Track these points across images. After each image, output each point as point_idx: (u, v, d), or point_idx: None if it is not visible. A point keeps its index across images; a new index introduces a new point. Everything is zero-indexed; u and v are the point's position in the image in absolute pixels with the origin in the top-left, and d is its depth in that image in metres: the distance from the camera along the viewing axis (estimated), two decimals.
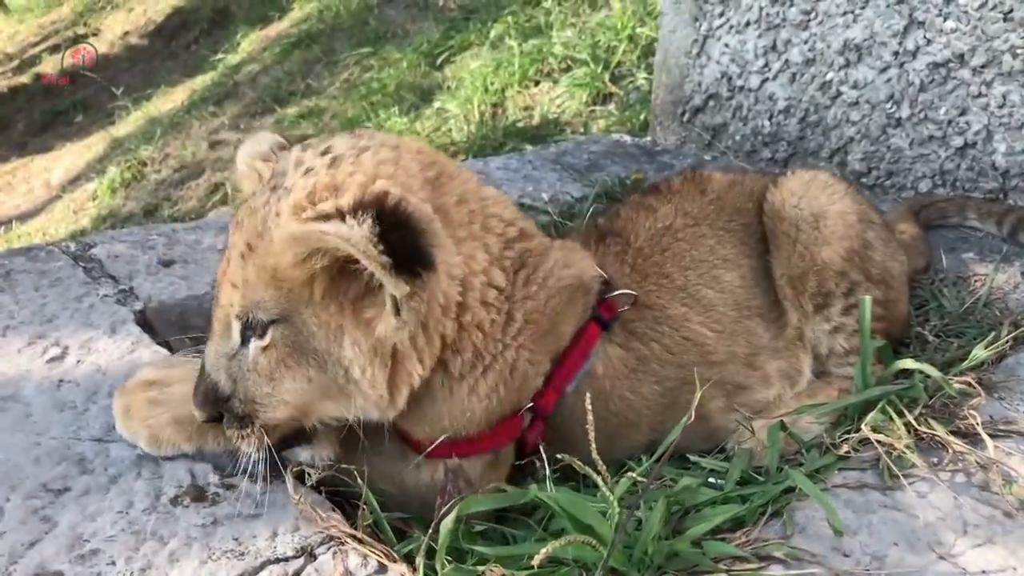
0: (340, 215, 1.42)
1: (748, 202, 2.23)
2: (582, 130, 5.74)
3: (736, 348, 2.02)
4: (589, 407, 1.51)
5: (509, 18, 7.04)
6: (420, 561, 1.40)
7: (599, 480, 1.39)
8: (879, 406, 1.83)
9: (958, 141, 2.96)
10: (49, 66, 11.53)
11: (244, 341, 1.57)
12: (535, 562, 1.30)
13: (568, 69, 6.31)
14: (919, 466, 1.72)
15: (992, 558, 1.51)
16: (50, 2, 14.02)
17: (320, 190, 1.49)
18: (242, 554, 1.50)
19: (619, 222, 2.15)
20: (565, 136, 5.32)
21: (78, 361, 2.05)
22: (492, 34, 7.06)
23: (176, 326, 2.33)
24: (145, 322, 2.26)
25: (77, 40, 12.24)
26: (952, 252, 2.74)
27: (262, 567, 1.48)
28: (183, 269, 2.50)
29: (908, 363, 1.89)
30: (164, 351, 2.10)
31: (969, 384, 1.89)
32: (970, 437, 1.78)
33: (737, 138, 3.58)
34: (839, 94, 3.22)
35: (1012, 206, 2.85)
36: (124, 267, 2.48)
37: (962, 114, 2.94)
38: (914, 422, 1.79)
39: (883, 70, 3.08)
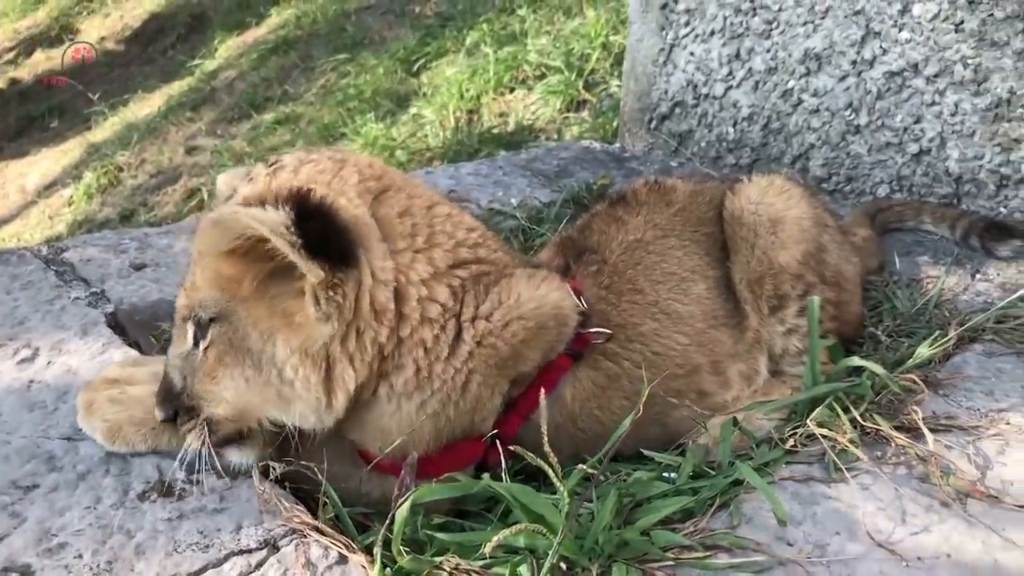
0: (261, 203, 1.50)
1: (710, 211, 2.29)
2: (556, 136, 5.82)
3: (702, 358, 2.06)
4: (545, 430, 1.54)
5: (484, 25, 7.11)
6: (377, 551, 1.45)
7: (550, 472, 1.45)
8: (826, 402, 1.90)
9: (914, 148, 3.05)
10: (25, 71, 11.48)
11: (195, 342, 1.65)
12: (486, 549, 1.36)
13: (543, 76, 6.38)
14: (863, 459, 1.79)
15: (928, 544, 1.58)
16: (26, 6, 13.95)
17: (254, 199, 1.57)
18: (207, 547, 1.55)
19: (592, 236, 2.17)
20: (539, 143, 5.38)
21: (48, 363, 2.08)
22: (468, 41, 7.12)
23: (147, 328, 2.37)
24: (116, 324, 2.30)
25: (53, 44, 12.20)
26: (907, 255, 2.83)
27: (226, 559, 1.52)
28: (155, 272, 2.54)
29: (855, 361, 1.97)
30: (135, 352, 2.14)
31: (913, 381, 1.97)
32: (912, 432, 1.85)
33: (703, 144, 3.66)
34: (800, 101, 3.30)
35: (964, 211, 2.94)
36: (96, 270, 2.51)
37: (917, 122, 3.02)
38: (859, 418, 1.86)
39: (842, 78, 3.16)
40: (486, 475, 1.57)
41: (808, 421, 1.83)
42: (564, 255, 2.11)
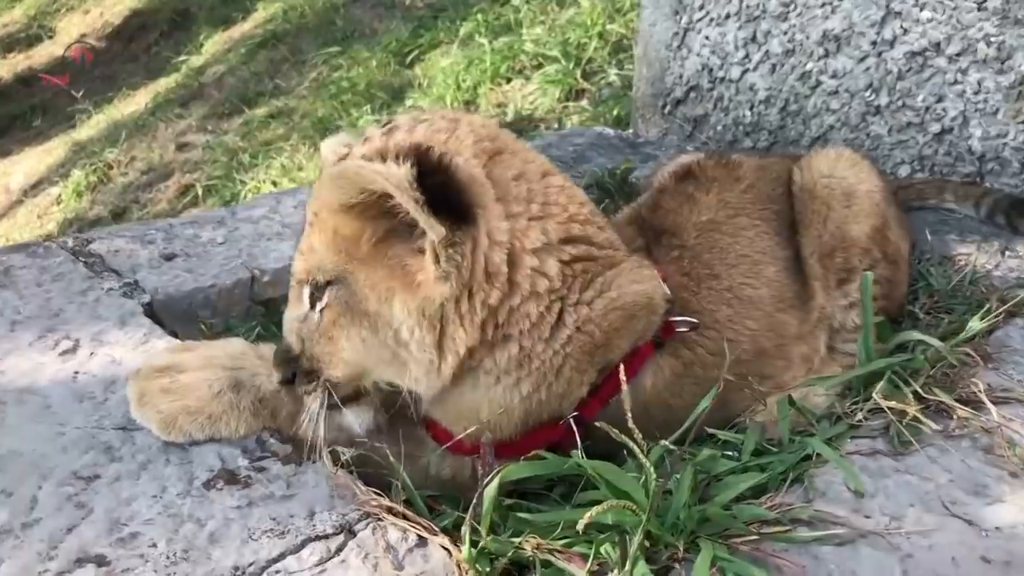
0: (381, 158, 1.49)
1: (777, 187, 2.25)
2: (556, 126, 5.80)
3: (768, 343, 2.03)
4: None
5: (479, 16, 7.08)
6: (466, 530, 1.43)
7: (635, 448, 1.44)
8: (886, 376, 1.90)
9: (935, 127, 3.06)
10: (4, 69, 11.30)
11: (312, 305, 1.65)
12: (580, 526, 1.34)
13: (540, 66, 6.36)
14: (927, 432, 1.79)
15: (1004, 515, 1.58)
16: (1, 5, 13.74)
17: (371, 153, 1.55)
18: (282, 533, 1.52)
19: (667, 215, 2.12)
20: (550, 130, 5.35)
21: (91, 353, 2.04)
22: (462, 32, 7.09)
23: (184, 319, 2.33)
24: (153, 314, 2.26)
25: (32, 43, 12.03)
26: (935, 233, 2.83)
27: (303, 545, 1.50)
28: (185, 262, 2.50)
29: (913, 335, 1.97)
30: (177, 341, 2.10)
31: (967, 354, 1.98)
32: (973, 404, 1.85)
33: (719, 128, 3.65)
34: (819, 83, 3.30)
35: (989, 188, 2.95)
36: (126, 261, 2.47)
37: (939, 101, 3.03)
38: (920, 390, 1.86)
39: (862, 59, 3.17)
40: (576, 452, 1.55)
41: (875, 394, 1.82)
42: (644, 235, 2.05)
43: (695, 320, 1.86)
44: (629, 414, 1.46)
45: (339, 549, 1.49)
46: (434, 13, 7.79)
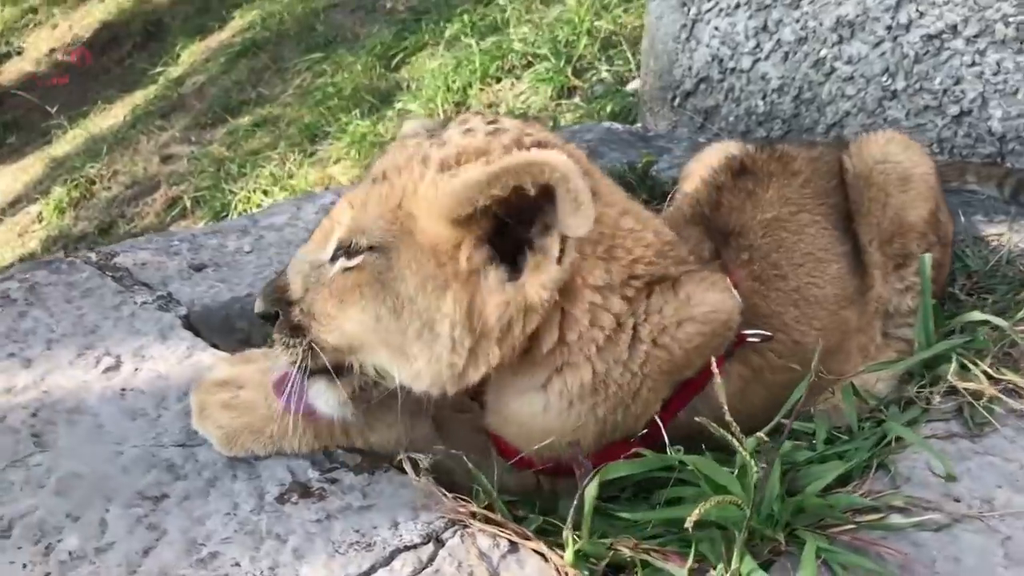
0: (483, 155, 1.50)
1: (832, 180, 2.21)
2: (551, 124, 5.77)
3: (834, 338, 1.99)
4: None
5: (464, 17, 7.04)
6: (568, 535, 1.39)
7: (734, 441, 1.41)
8: (953, 358, 1.88)
9: (954, 109, 3.07)
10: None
11: (333, 258, 1.58)
12: (688, 524, 1.31)
13: (529, 65, 6.32)
14: (1000, 413, 1.78)
15: None
16: None
17: (471, 152, 1.51)
18: (369, 545, 1.47)
19: (730, 214, 2.06)
20: (559, 127, 5.30)
21: (136, 369, 1.98)
22: (447, 33, 7.04)
23: (221, 330, 2.27)
24: (189, 327, 2.20)
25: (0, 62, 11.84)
26: (962, 215, 2.83)
27: (392, 556, 1.45)
28: (216, 273, 2.44)
29: (975, 315, 1.96)
30: (222, 353, 2.05)
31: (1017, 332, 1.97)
32: None
33: (731, 119, 3.64)
34: (833, 70, 3.30)
35: (1011, 169, 2.96)
36: (155, 274, 2.40)
37: (957, 83, 3.04)
38: (989, 371, 1.85)
39: (876, 44, 3.17)
40: (678, 448, 1.52)
41: (949, 376, 1.81)
42: (711, 237, 1.97)
43: (768, 332, 1.80)
44: (724, 399, 1.42)
45: (430, 559, 1.45)
46: (417, 16, 7.72)
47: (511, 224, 1.47)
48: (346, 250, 1.56)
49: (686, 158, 3.31)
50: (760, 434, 1.48)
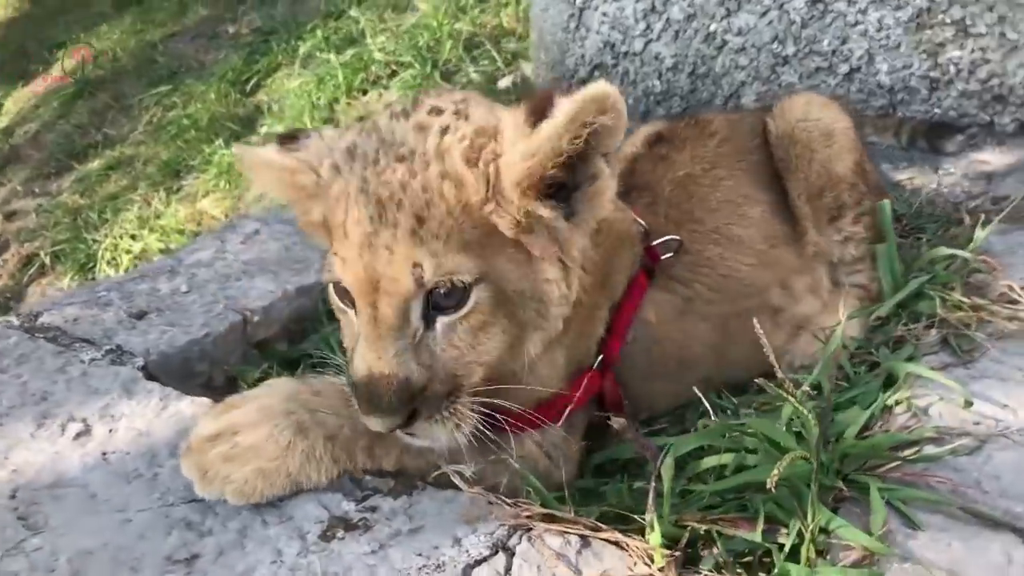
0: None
1: (752, 139, 2.32)
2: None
3: (770, 275, 2.12)
4: None
5: (316, 33, 6.87)
6: (651, 517, 1.37)
7: (787, 395, 1.42)
8: (935, 294, 1.98)
9: (844, 68, 3.23)
10: None
11: (428, 322, 1.48)
12: (770, 483, 1.31)
13: (394, 74, 6.25)
14: (980, 338, 1.88)
15: None
16: None
17: (477, 141, 1.48)
18: (439, 566, 1.40)
19: (638, 177, 2.17)
20: None
21: (110, 430, 1.82)
22: (301, 51, 6.85)
23: (181, 376, 2.12)
24: (149, 377, 2.04)
25: None
26: None
27: (467, 573, 1.39)
28: (161, 318, 2.27)
29: (943, 251, 2.07)
30: (200, 399, 1.91)
31: (985, 262, 2.09)
32: (1012, 303, 1.96)
33: (629, 102, 3.71)
34: (724, 43, 3.41)
35: (904, 117, 3.15)
36: (93, 328, 2.22)
37: (844, 43, 3.20)
38: (964, 300, 1.95)
39: (764, 14, 3.30)
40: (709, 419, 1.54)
41: (937, 309, 1.90)
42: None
43: (676, 237, 1.95)
44: (777, 368, 1.44)
45: (507, 569, 1.39)
46: (264, 37, 7.48)
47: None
48: (439, 305, 1.48)
49: None
50: (806, 388, 1.50)
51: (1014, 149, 3.03)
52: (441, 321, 1.48)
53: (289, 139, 1.68)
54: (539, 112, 1.46)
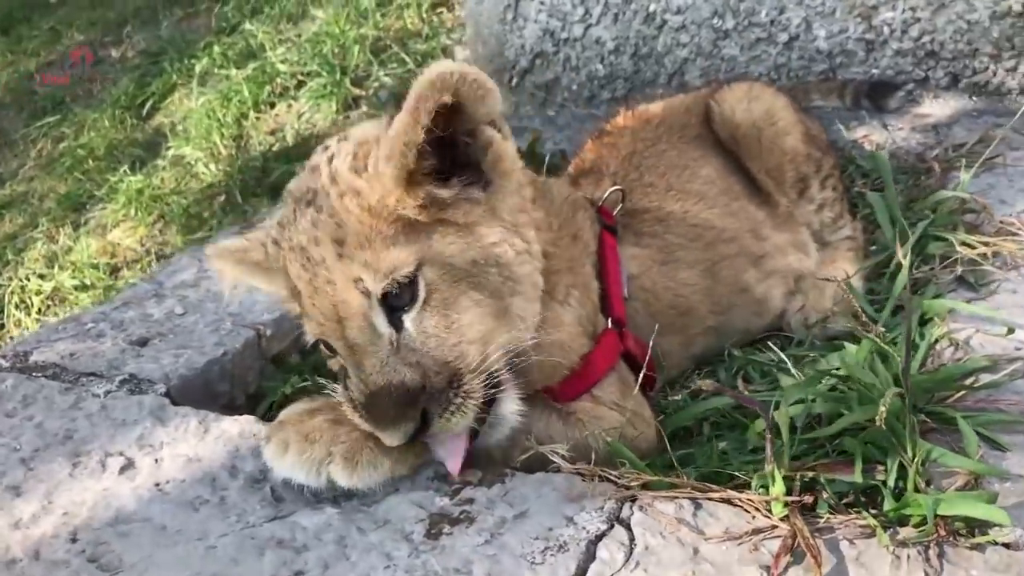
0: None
1: (689, 117, 2.45)
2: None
3: (740, 224, 2.22)
4: None
5: (214, 48, 6.65)
6: (771, 467, 1.38)
7: (865, 334, 1.48)
8: (932, 235, 2.08)
9: (783, 37, 3.35)
10: None
11: (396, 325, 1.48)
12: (879, 420, 1.35)
13: (302, 84, 6.11)
14: (992, 270, 1.99)
15: None
16: None
17: (360, 151, 1.55)
18: (562, 546, 1.39)
19: (585, 165, 2.31)
20: None
21: (156, 460, 1.73)
22: (197, 69, 6.62)
23: (204, 398, 2.02)
24: (173, 403, 1.94)
25: None
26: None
27: (593, 548, 1.38)
28: (166, 343, 2.16)
29: (945, 194, 2.17)
30: (247, 416, 1.83)
31: (978, 201, 2.21)
32: (1012, 237, 2.08)
33: (573, 88, 3.75)
34: (664, 22, 3.49)
35: (846, 79, 3.29)
36: (95, 360, 2.09)
37: (781, 12, 3.32)
38: (970, 238, 2.06)
39: None
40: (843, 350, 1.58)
41: (955, 242, 1.99)
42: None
43: (618, 186, 2.06)
44: (857, 302, 1.49)
45: (631, 540, 1.39)
46: (153, 59, 7.17)
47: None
48: (397, 305, 1.48)
49: (547, 134, 3.39)
50: (879, 328, 1.55)
51: (950, 101, 3.21)
52: (408, 318, 1.48)
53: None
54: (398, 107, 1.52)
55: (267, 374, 2.19)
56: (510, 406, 1.56)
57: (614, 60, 3.62)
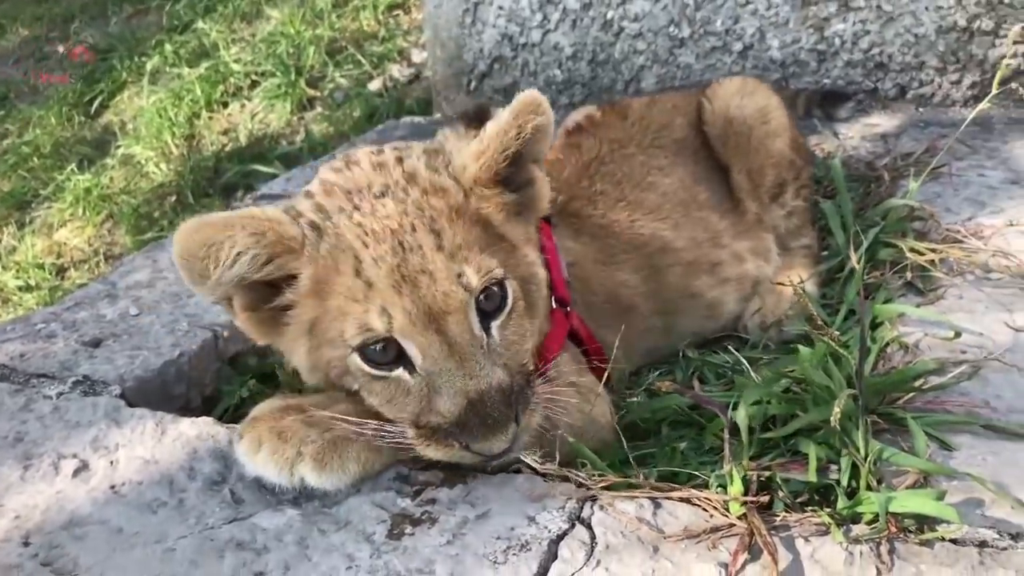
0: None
1: (675, 117, 2.43)
2: (299, 139, 5.57)
3: (696, 235, 2.25)
4: None
5: (166, 47, 6.55)
6: (730, 467, 1.41)
7: (820, 337, 1.51)
8: (882, 242, 2.14)
9: (738, 46, 3.42)
10: None
11: (486, 329, 1.49)
12: (834, 421, 1.39)
13: (255, 84, 6.06)
14: (938, 276, 2.06)
15: None
16: None
17: (426, 154, 1.58)
18: (524, 545, 1.40)
19: (550, 167, 2.25)
20: (357, 137, 5.08)
21: (111, 462, 1.70)
22: (148, 67, 6.52)
23: (160, 399, 2.00)
24: (128, 405, 1.91)
25: None
26: None
27: (554, 547, 1.39)
28: (120, 343, 2.13)
29: (894, 202, 2.23)
30: (205, 419, 1.81)
31: (923, 209, 2.28)
32: (956, 243, 2.15)
33: None
34: (621, 29, 3.53)
35: (798, 89, 3.36)
36: (46, 362, 2.05)
37: (736, 22, 3.38)
38: (918, 245, 2.12)
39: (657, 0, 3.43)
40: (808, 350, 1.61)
41: (907, 252, 2.04)
42: None
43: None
44: (813, 306, 1.53)
45: (592, 538, 1.40)
46: (102, 55, 7.04)
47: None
48: (487, 309, 1.49)
49: None
50: (835, 333, 1.59)
51: (897, 112, 3.30)
52: (494, 325, 1.50)
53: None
54: (474, 121, 1.60)
55: (224, 376, 2.17)
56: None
57: (572, 66, 3.65)
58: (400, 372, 1.46)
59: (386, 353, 1.46)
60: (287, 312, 1.54)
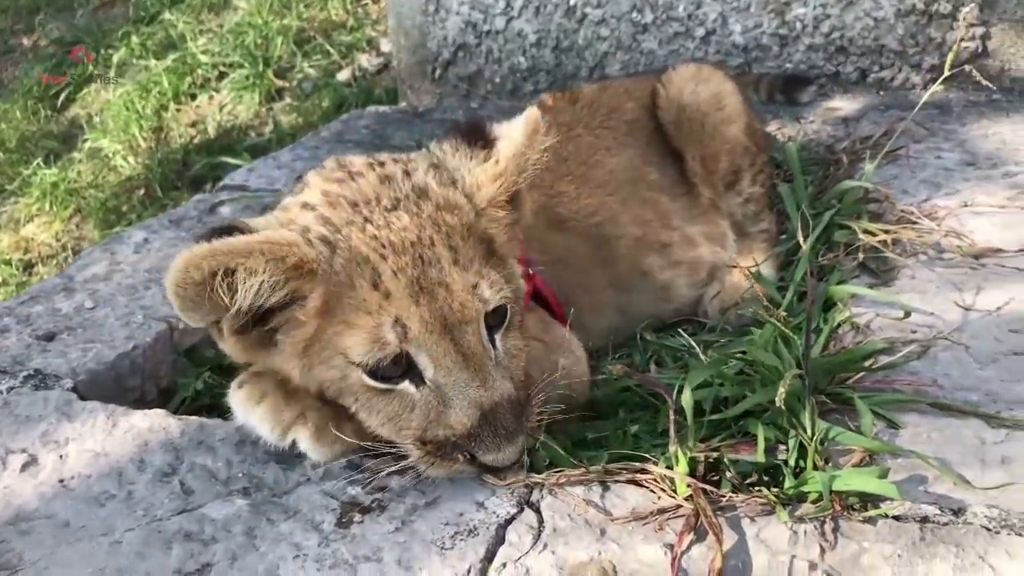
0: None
1: (627, 101, 2.44)
2: (268, 130, 5.53)
3: (644, 214, 2.26)
4: None
5: (132, 39, 6.48)
6: (675, 449, 1.42)
7: (768, 319, 1.52)
8: (837, 224, 2.15)
9: (700, 31, 3.42)
10: None
11: (492, 342, 1.50)
12: (779, 401, 1.40)
13: (223, 75, 6.01)
14: (892, 258, 2.07)
15: (997, 297, 1.87)
16: None
17: (434, 169, 1.54)
18: (472, 530, 1.40)
19: None
20: (322, 126, 5.04)
21: (60, 456, 1.69)
22: (115, 59, 6.45)
23: (114, 393, 1.98)
24: (81, 399, 1.89)
25: None
26: None
27: (502, 532, 1.40)
28: (74, 337, 2.11)
29: (848, 184, 2.24)
30: (157, 411, 1.79)
31: (880, 191, 2.29)
32: (910, 224, 2.16)
33: (496, 80, 3.76)
34: (584, 16, 3.52)
35: (760, 74, 3.37)
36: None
37: (698, 8, 3.39)
38: (872, 227, 2.13)
39: None
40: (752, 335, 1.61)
41: (857, 230, 2.05)
42: None
43: None
44: (763, 299, 1.53)
45: (541, 522, 1.41)
46: (67, 48, 6.96)
47: None
48: (492, 318, 1.49)
49: None
50: (783, 314, 1.60)
51: (858, 96, 3.31)
52: (497, 338, 1.50)
53: (228, 232, 1.40)
54: (468, 136, 1.57)
55: (180, 368, 2.15)
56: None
57: (536, 53, 3.64)
58: (406, 385, 1.45)
59: (393, 366, 1.43)
60: (277, 332, 1.49)
